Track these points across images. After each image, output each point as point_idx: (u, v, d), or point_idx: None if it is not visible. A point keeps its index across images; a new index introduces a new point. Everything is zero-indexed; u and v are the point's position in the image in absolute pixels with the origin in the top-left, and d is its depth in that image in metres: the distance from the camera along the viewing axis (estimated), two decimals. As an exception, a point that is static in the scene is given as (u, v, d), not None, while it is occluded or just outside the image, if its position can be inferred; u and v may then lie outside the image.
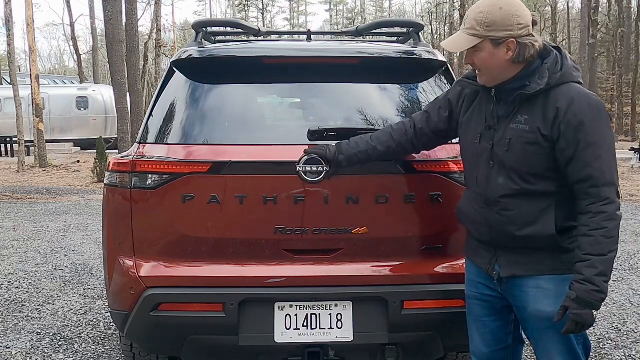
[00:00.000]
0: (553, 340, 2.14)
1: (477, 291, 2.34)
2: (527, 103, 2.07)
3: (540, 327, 2.17)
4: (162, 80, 2.87)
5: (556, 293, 2.09)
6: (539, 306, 2.13)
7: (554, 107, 2.01)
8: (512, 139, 2.08)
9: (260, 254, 2.61)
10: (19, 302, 4.92)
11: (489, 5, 2.05)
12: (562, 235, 2.08)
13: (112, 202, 2.73)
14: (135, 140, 2.83)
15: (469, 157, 2.29)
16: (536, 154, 2.05)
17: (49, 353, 3.86)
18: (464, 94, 2.34)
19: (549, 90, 2.04)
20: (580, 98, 2.01)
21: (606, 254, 1.98)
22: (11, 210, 9.91)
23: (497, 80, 2.12)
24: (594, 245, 1.99)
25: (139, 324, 2.65)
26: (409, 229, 2.65)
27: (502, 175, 2.12)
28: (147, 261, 2.64)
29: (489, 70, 2.11)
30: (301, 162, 2.50)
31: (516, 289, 2.19)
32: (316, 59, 2.91)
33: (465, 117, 2.30)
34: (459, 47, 2.12)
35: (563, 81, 2.05)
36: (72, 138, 23.16)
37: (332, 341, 2.59)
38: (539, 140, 2.03)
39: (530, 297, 2.15)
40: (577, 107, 1.99)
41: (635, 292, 5.05)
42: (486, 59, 2.08)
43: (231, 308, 2.54)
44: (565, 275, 2.08)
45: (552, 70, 2.05)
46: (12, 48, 18.57)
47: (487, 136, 2.17)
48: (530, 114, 2.06)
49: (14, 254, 6.66)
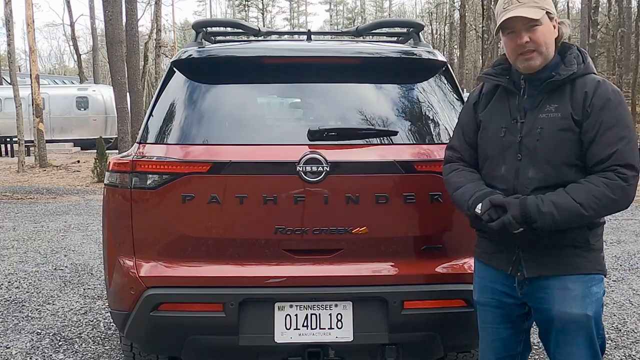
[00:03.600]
0: (578, 343, 2.08)
1: (492, 297, 2.27)
2: (554, 93, 2.08)
3: (565, 330, 2.09)
4: (162, 80, 2.87)
5: (582, 294, 2.05)
6: (565, 308, 2.07)
7: (582, 92, 2.04)
8: (544, 128, 2.06)
9: (260, 254, 2.61)
10: (19, 302, 4.92)
11: None
12: (590, 231, 2.06)
13: (112, 202, 2.74)
14: (135, 140, 2.83)
15: (491, 153, 2.22)
16: (569, 140, 2.04)
17: (49, 353, 3.86)
18: (481, 94, 2.32)
19: (574, 79, 2.07)
20: (605, 84, 2.06)
21: (578, 202, 1.94)
22: (11, 210, 9.91)
23: (546, 61, 2.11)
24: (576, 189, 1.98)
25: (139, 323, 2.65)
26: (409, 229, 2.65)
27: (532, 168, 2.08)
28: (147, 261, 2.64)
29: (547, 45, 2.10)
30: (301, 162, 2.51)
31: (540, 291, 2.12)
32: (316, 59, 2.91)
33: (484, 113, 2.26)
34: (534, 14, 2.05)
35: (587, 71, 2.09)
36: (72, 138, 23.17)
37: (332, 341, 2.59)
38: (571, 126, 2.03)
39: (555, 299, 2.09)
40: (602, 90, 2.02)
41: (635, 292, 5.05)
42: (545, 33, 2.09)
43: (231, 308, 2.54)
44: (591, 275, 2.06)
45: (577, 61, 2.10)
46: (12, 48, 18.56)
47: (513, 129, 2.14)
48: (559, 102, 2.07)
49: (14, 254, 6.66)
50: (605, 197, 1.94)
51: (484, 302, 2.31)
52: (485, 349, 2.36)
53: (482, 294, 2.32)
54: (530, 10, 2.06)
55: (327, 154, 2.55)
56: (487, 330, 2.33)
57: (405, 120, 2.76)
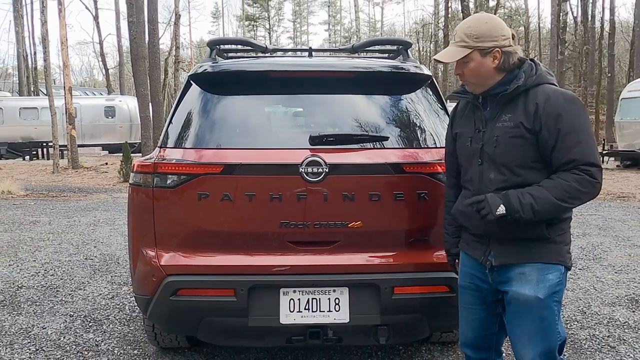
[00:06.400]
0: (528, 323, 2.08)
1: (470, 281, 2.29)
2: (509, 104, 2.08)
3: (518, 310, 2.11)
4: (180, 92, 2.87)
5: (537, 279, 2.06)
6: (519, 289, 2.08)
7: (534, 103, 2.02)
8: (499, 136, 2.07)
9: (267, 245, 2.60)
10: (54, 288, 4.92)
11: (475, 21, 2.11)
12: (550, 227, 2.06)
13: (136, 200, 2.73)
14: (157, 144, 2.83)
15: (463, 160, 2.26)
16: (521, 146, 2.04)
17: (80, 333, 3.86)
18: (456, 111, 2.34)
19: (527, 90, 2.06)
20: (556, 94, 2.03)
21: (553, 199, 1.95)
22: (47, 207, 9.90)
23: (485, 87, 2.13)
24: (550, 184, 1.98)
25: (160, 307, 2.65)
26: (399, 223, 2.65)
27: (492, 171, 2.10)
28: (167, 251, 2.64)
29: (478, 78, 2.11)
30: (303, 164, 2.50)
31: (503, 276, 2.14)
32: (316, 73, 2.91)
33: (459, 126, 2.29)
34: (452, 58, 2.11)
35: (539, 82, 2.07)
36: (100, 143, 23.20)
37: (330, 322, 2.59)
38: (522, 133, 2.03)
39: (513, 282, 2.11)
40: (554, 101, 2.00)
41: (599, 279, 5.04)
42: (475, 68, 2.09)
43: (241, 293, 2.54)
44: (548, 264, 2.06)
45: (528, 74, 2.08)
46: (48, 63, 18.59)
47: (477, 138, 2.16)
48: (513, 112, 2.06)
49: (49, 245, 6.66)
50: (575, 190, 1.95)
51: (464, 285, 2.33)
52: (465, 327, 2.36)
53: (463, 279, 2.34)
54: (453, 51, 2.10)
55: (326, 157, 2.55)
56: (466, 310, 2.34)
57: (395, 127, 2.76)
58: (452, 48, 2.12)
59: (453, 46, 2.11)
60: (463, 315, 2.36)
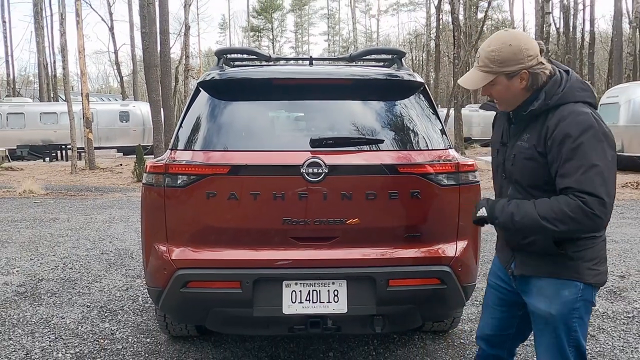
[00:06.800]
0: (545, 336, 1.99)
1: (496, 282, 2.21)
2: (532, 123, 1.92)
3: (536, 322, 2.02)
4: (190, 98, 2.87)
5: (552, 294, 1.94)
6: (536, 303, 1.98)
7: (547, 125, 1.85)
8: (516, 155, 1.95)
9: (271, 240, 2.60)
10: (72, 280, 4.92)
11: (499, 43, 1.89)
12: (566, 243, 1.89)
13: (149, 198, 2.73)
14: (168, 147, 2.83)
15: (493, 169, 2.16)
16: (534, 168, 1.90)
17: (96, 322, 3.86)
18: (496, 116, 2.20)
19: (548, 110, 1.87)
20: (570, 117, 1.81)
21: (535, 214, 1.80)
22: (66, 205, 9.90)
23: (514, 106, 1.97)
24: (541, 201, 1.83)
25: (171, 298, 2.65)
26: (394, 220, 2.64)
27: (510, 186, 2.00)
28: (178, 247, 2.64)
29: (505, 100, 1.96)
30: (304, 165, 2.50)
31: (524, 285, 2.05)
32: (317, 80, 2.91)
33: (494, 132, 2.19)
34: (476, 85, 1.94)
35: (563, 101, 1.86)
36: (115, 145, 23.20)
37: (330, 313, 2.58)
38: (535, 156, 1.88)
39: (532, 294, 2.00)
40: (563, 125, 1.80)
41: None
42: (501, 91, 1.93)
43: (247, 285, 2.54)
44: (564, 280, 1.91)
45: (550, 92, 1.87)
46: (67, 71, 18.57)
47: (502, 151, 2.06)
48: (532, 132, 1.91)
49: (68, 241, 6.66)
50: (562, 213, 1.76)
51: (491, 284, 2.25)
52: (483, 323, 2.28)
53: (491, 277, 2.26)
54: (477, 76, 1.93)
55: (326, 158, 2.55)
56: (488, 307, 2.26)
57: (390, 131, 2.76)
58: (476, 73, 1.93)
59: (477, 70, 1.93)
60: (485, 311, 2.29)
